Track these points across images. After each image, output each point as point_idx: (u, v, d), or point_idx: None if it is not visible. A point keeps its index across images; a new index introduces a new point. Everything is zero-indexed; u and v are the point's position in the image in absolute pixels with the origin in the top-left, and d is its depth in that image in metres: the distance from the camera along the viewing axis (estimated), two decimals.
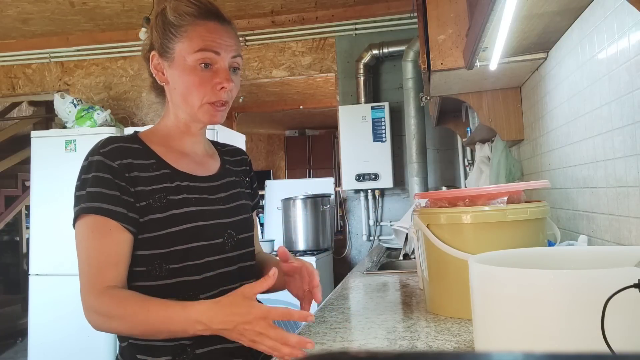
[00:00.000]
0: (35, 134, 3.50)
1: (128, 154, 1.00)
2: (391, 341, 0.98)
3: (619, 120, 1.14)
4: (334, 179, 4.24)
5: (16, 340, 5.00)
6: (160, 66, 1.05)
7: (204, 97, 1.02)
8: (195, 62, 1.01)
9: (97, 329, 0.95)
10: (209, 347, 0.97)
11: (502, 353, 0.25)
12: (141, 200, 0.97)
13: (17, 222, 6.01)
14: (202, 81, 1.01)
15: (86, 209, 0.96)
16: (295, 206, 3.61)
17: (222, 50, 1.02)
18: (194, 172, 1.06)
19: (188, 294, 0.99)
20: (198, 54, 1.01)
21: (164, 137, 1.08)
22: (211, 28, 1.02)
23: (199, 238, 1.01)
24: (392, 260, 2.50)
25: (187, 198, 1.01)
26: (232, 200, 1.10)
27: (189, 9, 1.02)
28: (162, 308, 0.89)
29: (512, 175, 2.18)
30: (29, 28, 3.90)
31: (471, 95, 2.13)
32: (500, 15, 1.10)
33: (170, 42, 1.03)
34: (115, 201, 0.96)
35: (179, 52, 1.02)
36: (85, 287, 0.95)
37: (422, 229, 1.16)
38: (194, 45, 1.01)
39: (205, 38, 1.01)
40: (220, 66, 1.02)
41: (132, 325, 0.91)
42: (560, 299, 0.63)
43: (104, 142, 1.01)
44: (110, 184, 0.96)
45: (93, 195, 0.96)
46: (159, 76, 1.06)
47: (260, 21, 3.83)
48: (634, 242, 1.10)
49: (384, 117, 3.58)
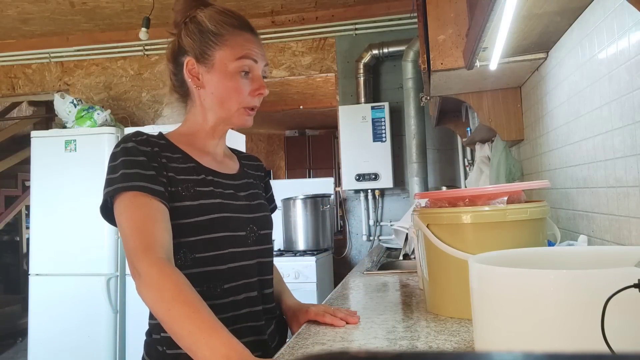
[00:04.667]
0: (35, 134, 3.49)
1: (157, 146, 1.05)
2: (391, 341, 0.98)
3: (619, 120, 1.14)
4: (334, 179, 4.24)
5: (16, 340, 5.01)
6: (195, 71, 1.10)
7: (241, 102, 1.09)
8: (237, 69, 1.08)
9: (139, 292, 0.90)
10: None
11: (502, 353, 0.25)
12: (172, 186, 1.01)
13: (17, 222, 6.01)
14: (241, 87, 1.09)
15: (123, 188, 0.95)
16: (295, 206, 3.61)
17: (258, 58, 1.11)
18: (218, 170, 1.12)
19: (211, 284, 1.02)
20: (239, 61, 1.08)
21: (188, 137, 1.13)
22: (249, 39, 1.11)
23: (225, 229, 1.05)
24: (392, 260, 2.50)
25: (214, 191, 1.06)
26: (253, 198, 1.16)
27: (230, 19, 1.10)
28: (212, 318, 0.85)
29: (512, 175, 2.18)
30: (29, 28, 3.90)
31: (471, 95, 2.13)
32: (500, 15, 1.10)
33: (210, 49, 1.09)
34: (153, 180, 0.98)
35: (220, 59, 1.08)
36: (134, 251, 0.91)
37: (422, 229, 1.16)
38: (236, 53, 1.08)
39: (245, 47, 1.09)
40: (256, 74, 1.11)
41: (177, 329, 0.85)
42: (560, 299, 0.63)
43: (135, 133, 1.06)
44: (146, 165, 0.99)
45: (129, 176, 0.96)
46: (194, 81, 1.10)
47: (260, 21, 3.83)
48: (634, 242, 1.10)
49: (384, 117, 3.58)
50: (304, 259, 3.27)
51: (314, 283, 3.21)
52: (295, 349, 0.95)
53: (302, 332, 1.08)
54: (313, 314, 1.13)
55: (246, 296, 1.07)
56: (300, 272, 3.20)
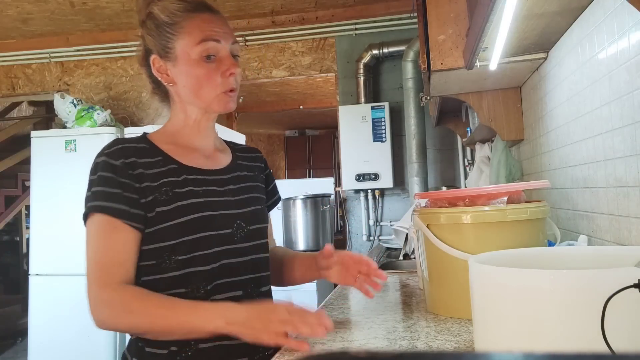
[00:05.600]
0: (35, 134, 3.49)
1: (132, 154, 1.02)
2: (391, 341, 0.98)
3: (619, 120, 1.14)
4: (334, 179, 4.24)
5: (16, 340, 5.00)
6: (163, 68, 1.07)
7: (216, 88, 1.05)
8: (200, 54, 1.03)
9: (105, 325, 0.96)
10: (213, 342, 0.98)
11: (502, 353, 0.25)
12: (147, 195, 0.99)
13: (17, 222, 6.01)
14: (210, 73, 1.04)
15: (91, 208, 0.99)
16: (295, 206, 3.61)
17: (222, 38, 1.05)
18: (203, 166, 1.09)
19: (197, 285, 1.00)
20: (200, 45, 1.03)
21: (173, 136, 1.10)
22: (205, 19, 1.05)
23: (207, 228, 1.02)
24: (392, 260, 2.50)
25: (192, 190, 1.04)
26: (243, 192, 1.12)
27: (182, 4, 1.05)
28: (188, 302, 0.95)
29: (512, 175, 2.18)
30: (29, 28, 3.90)
31: (471, 95, 2.13)
32: (500, 15, 1.10)
33: (169, 42, 1.05)
34: (117, 199, 0.98)
35: (181, 49, 1.04)
36: (94, 283, 0.96)
37: (422, 229, 1.16)
38: (195, 38, 1.03)
39: (203, 29, 1.04)
40: (223, 55, 1.06)
41: (153, 319, 0.93)
42: (560, 299, 0.63)
43: (110, 143, 1.04)
44: (113, 182, 0.99)
45: (97, 195, 0.99)
46: (164, 78, 1.08)
47: (260, 21, 3.83)
48: (634, 242, 1.10)
49: (384, 117, 3.58)
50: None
51: (314, 283, 3.21)
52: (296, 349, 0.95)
53: None
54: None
55: (231, 295, 1.03)
56: None
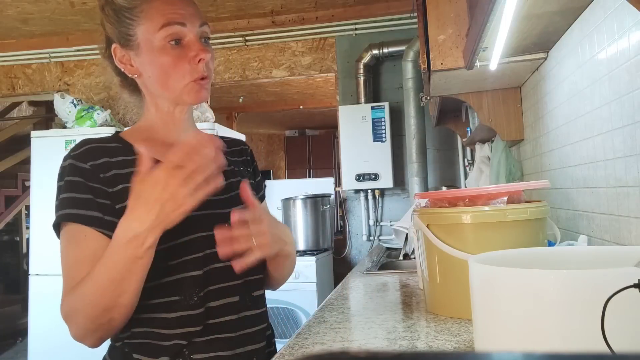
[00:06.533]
0: (35, 134, 3.50)
1: (103, 154, 0.94)
2: (391, 341, 0.98)
3: (619, 120, 1.14)
4: (334, 179, 4.24)
5: (16, 340, 5.00)
6: (126, 58, 0.97)
7: (184, 76, 0.94)
8: (163, 40, 0.93)
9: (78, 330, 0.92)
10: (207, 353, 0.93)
11: (502, 353, 0.25)
12: (124, 199, 0.87)
13: (17, 222, 6.01)
14: (177, 60, 0.93)
15: (60, 217, 0.91)
16: (295, 206, 3.61)
17: (187, 20, 0.94)
18: None
19: (191, 290, 0.93)
20: (163, 30, 0.93)
21: (147, 132, 1.01)
22: (167, 0, 0.95)
23: (196, 230, 0.94)
24: (392, 260, 2.50)
25: None
26: (231, 189, 1.01)
27: None
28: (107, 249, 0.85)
29: (512, 175, 2.18)
30: (29, 28, 3.90)
31: (471, 95, 2.13)
32: (500, 16, 1.10)
33: (129, 28, 0.95)
34: (88, 205, 0.90)
35: (143, 36, 0.94)
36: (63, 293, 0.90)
37: (422, 229, 1.16)
38: (156, 23, 0.93)
39: (165, 12, 0.93)
40: (190, 39, 0.95)
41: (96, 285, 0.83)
42: (560, 299, 0.63)
43: (77, 145, 0.95)
44: (82, 188, 0.91)
45: (66, 202, 0.91)
46: (127, 69, 0.98)
47: (260, 21, 3.83)
48: (634, 242, 1.10)
49: (384, 117, 3.58)
50: (304, 259, 3.27)
51: (314, 283, 3.21)
52: (295, 349, 0.95)
53: (302, 332, 1.08)
54: None
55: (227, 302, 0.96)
56: (300, 272, 3.20)
